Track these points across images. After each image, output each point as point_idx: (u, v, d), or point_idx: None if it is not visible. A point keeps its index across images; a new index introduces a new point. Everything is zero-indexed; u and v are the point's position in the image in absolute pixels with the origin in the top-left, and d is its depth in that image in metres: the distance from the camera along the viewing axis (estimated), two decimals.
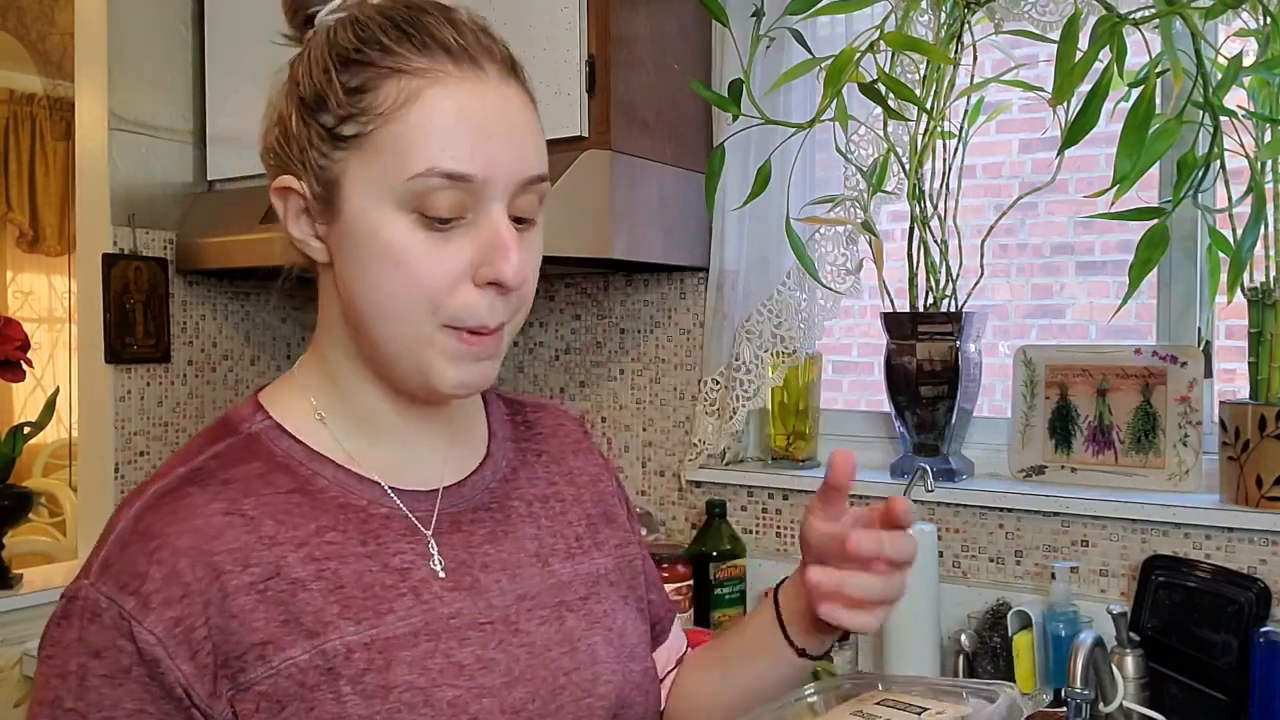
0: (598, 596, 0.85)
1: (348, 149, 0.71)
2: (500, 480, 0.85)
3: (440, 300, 0.71)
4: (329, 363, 0.79)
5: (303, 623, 0.70)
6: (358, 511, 0.76)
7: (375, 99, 0.70)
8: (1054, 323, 1.97)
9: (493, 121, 0.71)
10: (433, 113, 0.70)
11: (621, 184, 1.66)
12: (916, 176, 1.62)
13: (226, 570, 0.69)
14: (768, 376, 1.80)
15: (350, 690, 0.69)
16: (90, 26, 2.04)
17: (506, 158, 0.71)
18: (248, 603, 0.69)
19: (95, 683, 0.67)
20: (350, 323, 0.76)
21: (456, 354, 0.73)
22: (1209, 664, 1.36)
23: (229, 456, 0.75)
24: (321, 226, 0.74)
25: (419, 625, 0.74)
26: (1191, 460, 1.53)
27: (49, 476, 4.24)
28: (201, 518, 0.70)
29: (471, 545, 0.79)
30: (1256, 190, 1.39)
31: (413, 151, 0.69)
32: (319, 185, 0.73)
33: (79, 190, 2.08)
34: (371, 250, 0.71)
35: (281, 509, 0.73)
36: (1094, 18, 1.37)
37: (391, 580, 0.74)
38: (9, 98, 4.54)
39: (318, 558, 0.72)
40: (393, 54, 0.71)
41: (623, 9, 1.66)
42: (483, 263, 0.71)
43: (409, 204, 0.70)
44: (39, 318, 4.77)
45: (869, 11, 1.59)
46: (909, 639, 1.55)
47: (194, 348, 2.15)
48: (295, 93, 0.74)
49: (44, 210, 4.69)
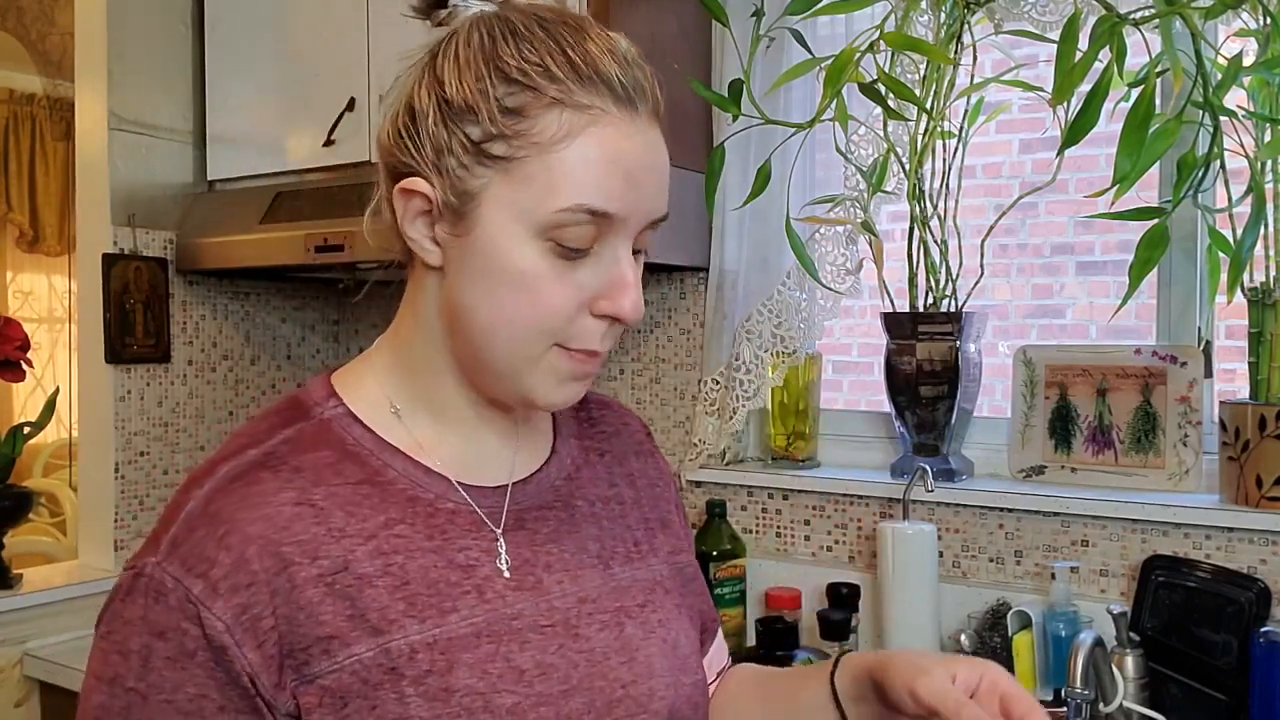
0: (654, 604, 0.85)
1: (493, 168, 0.70)
2: (565, 478, 0.85)
3: (559, 327, 0.72)
4: (413, 355, 0.78)
5: (369, 619, 0.70)
6: (426, 505, 0.76)
7: (533, 126, 0.69)
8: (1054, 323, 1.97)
9: (641, 167, 0.72)
10: (589, 152, 0.69)
11: None
12: (916, 176, 1.62)
13: (295, 562, 0.68)
14: (768, 376, 1.80)
15: (413, 692, 0.69)
16: (90, 26, 2.04)
17: (642, 201, 0.72)
18: (315, 595, 0.68)
19: (158, 664, 0.66)
20: (454, 329, 0.75)
21: (563, 373, 0.74)
22: (1209, 664, 1.36)
23: (300, 442, 0.74)
24: (444, 233, 0.73)
25: (481, 626, 0.73)
26: (1191, 460, 1.53)
27: (49, 476, 4.24)
28: (272, 506, 0.70)
29: (536, 544, 0.79)
30: (1256, 190, 1.39)
31: (564, 187, 0.69)
32: (453, 195, 0.71)
33: (79, 190, 2.08)
34: (501, 271, 0.71)
35: (351, 500, 0.73)
36: (1094, 18, 1.37)
37: (456, 577, 0.74)
38: (9, 98, 4.54)
39: (385, 551, 0.72)
40: (557, 83, 0.69)
41: (623, 9, 1.66)
42: (603, 296, 0.72)
43: (545, 233, 0.70)
44: (39, 318, 4.77)
45: (869, 11, 1.59)
46: (909, 639, 1.55)
47: (194, 348, 2.15)
48: (439, 91, 0.71)
49: (44, 210, 4.69)
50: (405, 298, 0.80)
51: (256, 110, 2.04)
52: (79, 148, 2.08)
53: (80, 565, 2.08)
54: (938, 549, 1.59)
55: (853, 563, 1.75)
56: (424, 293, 0.77)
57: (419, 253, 0.75)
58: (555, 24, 0.72)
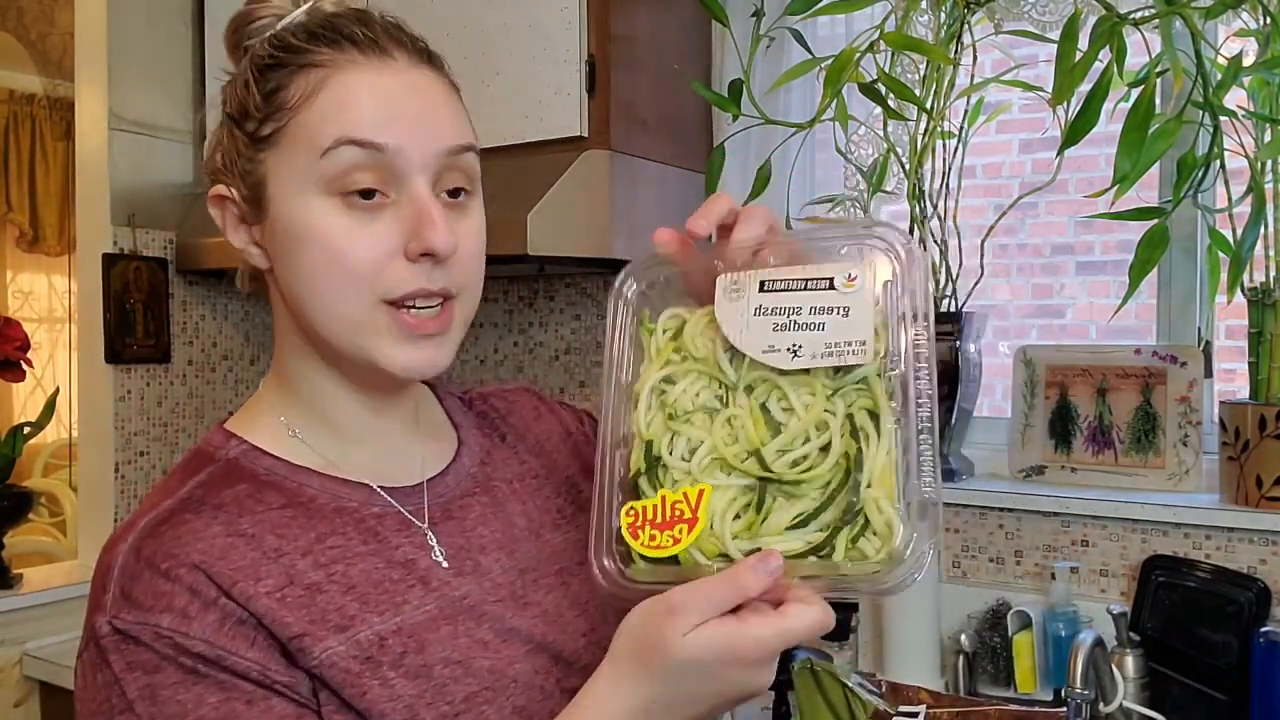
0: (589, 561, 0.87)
1: (268, 148, 0.73)
2: (479, 465, 0.87)
3: (373, 278, 0.71)
4: (290, 376, 0.80)
5: (328, 620, 0.70)
6: (352, 513, 0.76)
7: (286, 95, 0.72)
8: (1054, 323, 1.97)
9: (402, 97, 0.72)
10: (337, 93, 0.71)
11: (621, 184, 1.66)
12: (916, 176, 1.62)
13: (241, 582, 0.68)
14: None
15: (394, 674, 0.70)
16: (90, 26, 2.04)
17: (419, 130, 0.72)
18: (272, 605, 0.69)
19: (167, 694, 0.65)
20: (299, 324, 0.76)
21: (398, 334, 0.73)
22: (1209, 664, 1.36)
23: (212, 484, 0.74)
24: (256, 230, 0.75)
25: (435, 611, 0.75)
26: (1191, 460, 1.53)
27: (49, 476, 4.24)
28: (204, 540, 0.69)
29: (466, 530, 0.81)
30: (1256, 190, 1.39)
31: (322, 130, 0.71)
32: (247, 189, 0.74)
33: (79, 190, 2.08)
34: (300, 239, 0.72)
35: (279, 523, 0.73)
36: (1094, 18, 1.37)
37: (399, 574, 0.75)
38: (9, 98, 4.55)
39: (324, 563, 0.73)
40: (301, 52, 0.73)
41: (623, 9, 1.66)
42: (411, 237, 0.71)
43: (329, 186, 0.71)
44: (39, 318, 4.77)
45: (869, 11, 1.59)
46: (909, 639, 1.55)
47: (194, 348, 2.15)
48: (224, 112, 0.76)
49: (44, 210, 4.70)
50: (273, 322, 0.81)
51: None
52: (79, 148, 2.08)
53: (80, 565, 2.09)
54: (937, 550, 1.58)
55: None
56: (276, 305, 0.79)
57: (249, 259, 0.77)
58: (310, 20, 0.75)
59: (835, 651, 1.56)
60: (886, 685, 1.44)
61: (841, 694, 1.23)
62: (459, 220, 0.74)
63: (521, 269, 1.95)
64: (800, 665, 1.16)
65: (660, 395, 0.70)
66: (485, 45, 1.69)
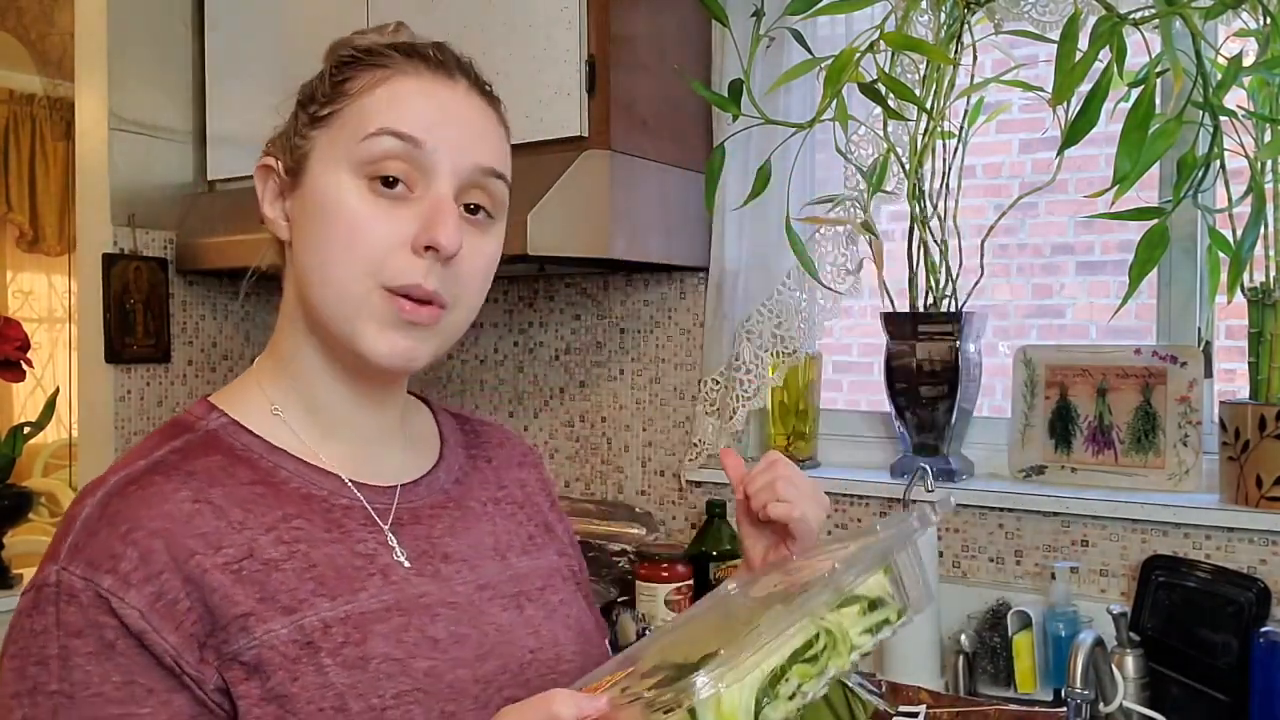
0: (554, 588, 0.89)
1: (321, 127, 0.78)
2: (454, 482, 0.88)
3: (379, 262, 0.74)
4: (284, 356, 0.82)
5: (279, 600, 0.72)
6: (320, 501, 0.78)
7: (350, 85, 0.77)
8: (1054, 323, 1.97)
9: (452, 109, 0.78)
10: (395, 93, 0.77)
11: (621, 184, 1.66)
12: (916, 176, 1.62)
13: (200, 552, 0.70)
14: (768, 376, 1.80)
15: (331, 662, 0.71)
16: (90, 26, 2.04)
17: (458, 139, 0.77)
18: (225, 579, 0.70)
19: (80, 661, 0.67)
20: (304, 299, 0.79)
21: (387, 319, 0.75)
22: (1209, 664, 1.36)
23: (188, 451, 0.76)
24: (289, 202, 0.79)
25: (390, 602, 0.76)
26: (1191, 460, 1.53)
27: (49, 476, 4.24)
28: (171, 503, 0.71)
29: (432, 537, 0.82)
30: (1256, 190, 1.39)
31: (371, 117, 0.76)
32: (292, 161, 0.79)
33: (79, 190, 2.08)
34: (324, 212, 0.76)
35: (247, 498, 0.75)
36: (1094, 18, 1.37)
37: (360, 563, 0.77)
38: (9, 98, 4.54)
39: (287, 540, 0.74)
40: (375, 54, 0.79)
41: (623, 9, 1.66)
42: (421, 230, 0.75)
43: (362, 169, 0.75)
44: (39, 318, 4.77)
45: (869, 11, 1.59)
46: (909, 639, 1.55)
47: (194, 348, 2.15)
48: (296, 101, 0.81)
49: (44, 210, 4.69)
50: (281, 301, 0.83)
51: (256, 110, 2.03)
52: (79, 148, 2.08)
53: None
54: (938, 549, 1.58)
55: None
56: (287, 282, 0.82)
57: (276, 232, 0.80)
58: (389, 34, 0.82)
59: None
60: (886, 685, 1.44)
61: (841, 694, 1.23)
62: (473, 235, 0.78)
63: (521, 269, 1.95)
64: None
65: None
66: (485, 45, 1.69)
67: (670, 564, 1.71)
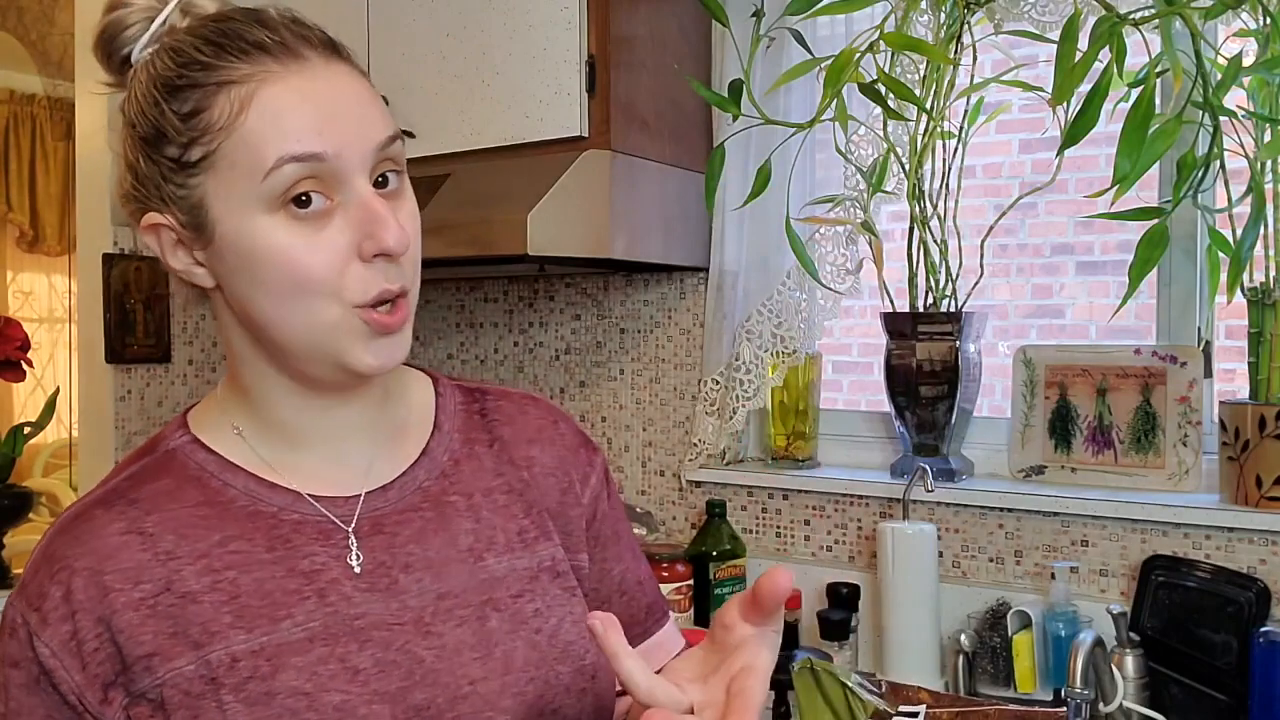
0: (533, 593, 0.82)
1: (201, 172, 0.71)
2: (436, 477, 0.83)
3: (335, 285, 0.71)
4: (242, 381, 0.79)
5: (189, 634, 0.72)
6: (267, 519, 0.77)
7: (210, 117, 0.71)
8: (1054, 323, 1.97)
9: (328, 100, 0.72)
10: (267, 109, 0.70)
11: (621, 184, 1.66)
12: (916, 176, 1.62)
13: (116, 589, 0.72)
14: (768, 376, 1.80)
15: (232, 699, 0.70)
16: (90, 26, 2.03)
17: (352, 131, 0.72)
18: (136, 618, 0.72)
19: (16, 691, 0.72)
20: (253, 336, 0.76)
21: (364, 332, 0.73)
22: (1209, 664, 1.36)
23: (140, 476, 0.78)
24: (199, 253, 0.74)
25: (316, 630, 0.74)
26: (1191, 460, 1.53)
27: (49, 476, 4.23)
28: (100, 539, 0.74)
29: (395, 546, 0.79)
30: (1256, 190, 1.39)
31: (260, 150, 0.70)
32: (184, 214, 0.73)
33: (79, 190, 2.08)
34: (254, 258, 0.71)
35: (185, 523, 0.75)
36: (1094, 18, 1.37)
37: (296, 584, 0.75)
38: (9, 98, 4.54)
39: (216, 569, 0.74)
40: (213, 69, 0.71)
41: (623, 9, 1.66)
42: (364, 238, 0.71)
43: (274, 203, 0.70)
44: (39, 318, 4.77)
45: (869, 11, 1.59)
46: (909, 639, 1.55)
47: (194, 348, 2.15)
48: (133, 134, 0.75)
49: (44, 210, 4.69)
50: (218, 331, 0.81)
51: None
52: (79, 148, 2.08)
53: None
54: (938, 549, 1.59)
55: (853, 563, 1.75)
56: (222, 318, 0.79)
57: (192, 280, 0.76)
58: (199, 26, 0.74)
59: (835, 651, 1.56)
60: (886, 685, 1.44)
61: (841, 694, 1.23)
62: (398, 210, 0.74)
63: (521, 269, 1.95)
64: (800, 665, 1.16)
65: None
66: (485, 45, 1.70)
67: (670, 564, 1.71)
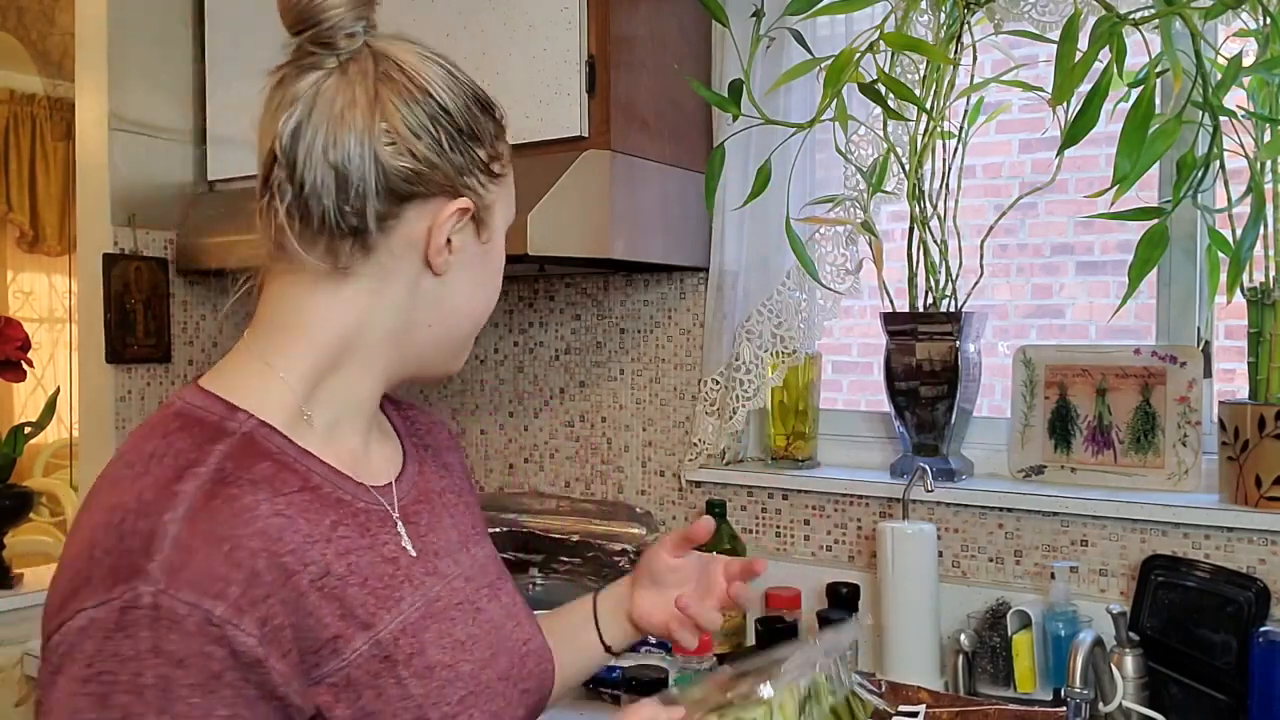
0: (504, 576, 0.94)
1: (496, 184, 0.84)
2: (419, 474, 0.90)
3: None
4: (342, 371, 0.78)
5: (357, 616, 0.72)
6: (349, 506, 0.77)
7: (507, 148, 0.86)
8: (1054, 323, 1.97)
9: None
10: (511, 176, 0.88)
11: (621, 184, 1.66)
12: (916, 176, 1.62)
13: (295, 570, 0.68)
14: (768, 376, 1.80)
15: (407, 674, 0.73)
16: (90, 26, 2.04)
17: None
18: (316, 600, 0.69)
19: (183, 693, 0.62)
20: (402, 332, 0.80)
21: None
22: (1209, 664, 1.36)
23: (239, 458, 0.71)
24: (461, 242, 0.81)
25: (423, 608, 0.78)
26: (1191, 460, 1.53)
27: (49, 476, 4.24)
28: (261, 519, 0.68)
29: (422, 534, 0.84)
30: (1256, 190, 1.39)
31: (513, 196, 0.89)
32: (479, 209, 0.82)
33: (79, 190, 2.08)
34: (493, 271, 0.86)
35: (303, 508, 0.72)
36: (1094, 18, 1.37)
37: (390, 569, 0.77)
38: (9, 98, 4.54)
39: (342, 552, 0.74)
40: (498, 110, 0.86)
41: (623, 9, 1.66)
42: None
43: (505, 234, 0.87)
44: (39, 318, 4.77)
45: (869, 11, 1.59)
46: (909, 639, 1.55)
47: (194, 348, 2.16)
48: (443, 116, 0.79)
49: (44, 210, 4.69)
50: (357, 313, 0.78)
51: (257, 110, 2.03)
52: (79, 148, 2.08)
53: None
54: (937, 549, 1.59)
55: (852, 562, 1.75)
56: (358, 303, 0.78)
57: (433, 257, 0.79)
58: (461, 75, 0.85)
59: None
60: (886, 685, 1.44)
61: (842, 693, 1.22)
62: None
63: (521, 269, 1.95)
64: None
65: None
66: (485, 45, 1.69)
67: None
